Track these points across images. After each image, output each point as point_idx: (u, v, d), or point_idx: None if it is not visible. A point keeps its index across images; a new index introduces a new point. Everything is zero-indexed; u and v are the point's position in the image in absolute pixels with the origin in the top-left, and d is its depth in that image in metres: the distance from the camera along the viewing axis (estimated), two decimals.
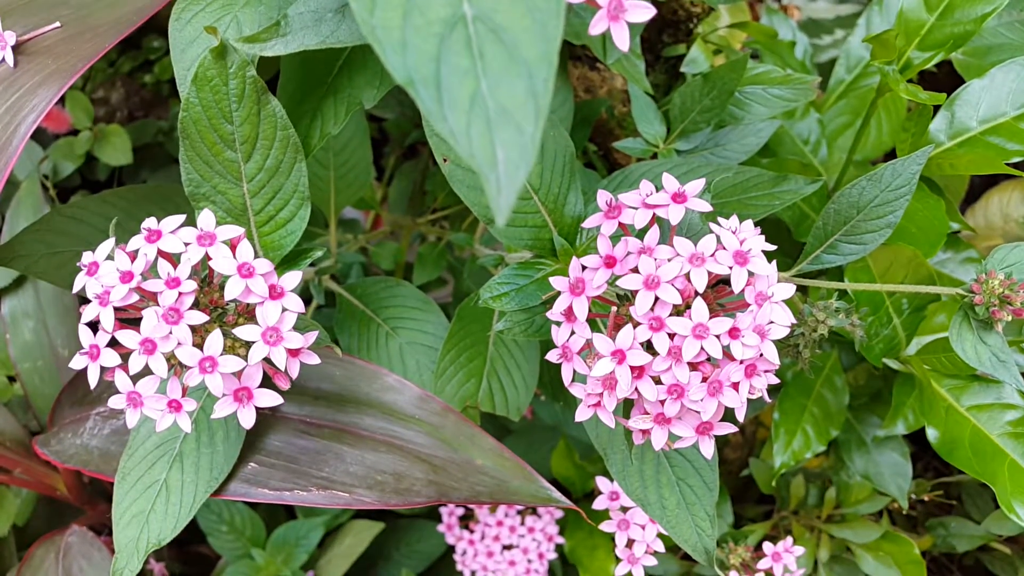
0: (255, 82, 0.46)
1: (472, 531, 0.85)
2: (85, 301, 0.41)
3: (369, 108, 0.96)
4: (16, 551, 0.87)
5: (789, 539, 0.66)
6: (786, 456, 0.70)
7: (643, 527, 0.60)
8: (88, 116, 1.00)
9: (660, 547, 0.60)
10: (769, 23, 0.93)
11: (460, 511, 0.87)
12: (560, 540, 0.86)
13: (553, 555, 0.85)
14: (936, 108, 0.70)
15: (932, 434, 0.63)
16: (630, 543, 0.60)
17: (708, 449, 0.43)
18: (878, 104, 0.78)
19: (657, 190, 0.43)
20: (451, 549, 0.87)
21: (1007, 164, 0.64)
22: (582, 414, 0.44)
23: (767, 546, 0.65)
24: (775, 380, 0.43)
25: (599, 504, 0.61)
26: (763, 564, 0.65)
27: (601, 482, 0.62)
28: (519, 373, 0.62)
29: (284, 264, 0.51)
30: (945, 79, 0.94)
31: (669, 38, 0.81)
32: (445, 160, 0.50)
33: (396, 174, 1.00)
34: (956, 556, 1.06)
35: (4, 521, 0.77)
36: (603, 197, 0.44)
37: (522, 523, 0.85)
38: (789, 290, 0.42)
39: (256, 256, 0.40)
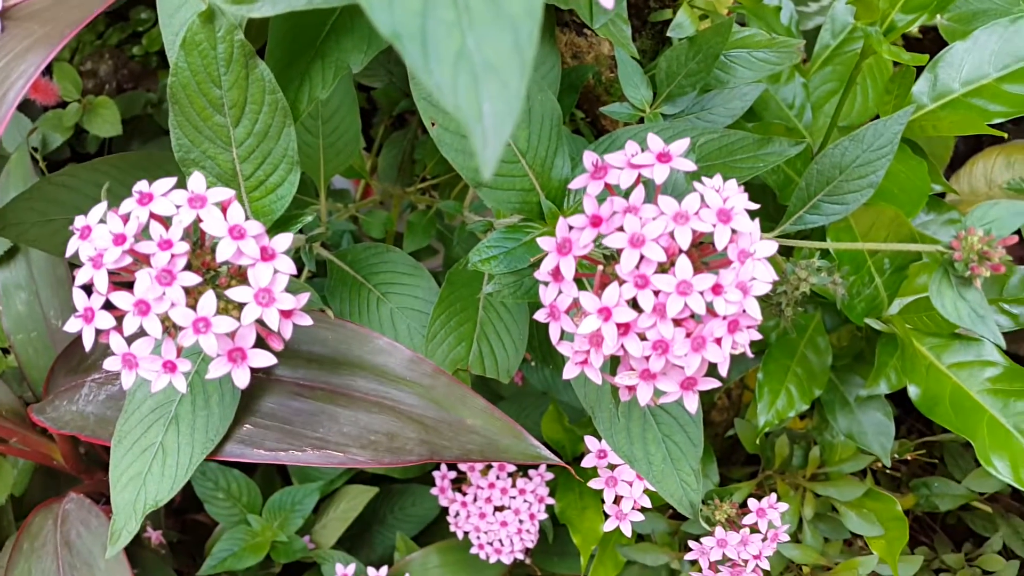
0: (243, 46, 0.46)
1: (465, 494, 0.87)
2: (77, 269, 0.41)
3: (358, 75, 0.97)
4: (14, 521, 0.88)
5: (773, 496, 0.67)
6: (770, 415, 0.71)
7: (630, 484, 0.61)
8: (76, 88, 0.99)
9: (647, 503, 0.61)
10: None
11: (453, 474, 0.88)
12: (551, 501, 0.87)
13: (544, 516, 0.86)
14: (919, 71, 0.71)
15: (913, 391, 0.64)
16: (618, 499, 0.61)
17: (692, 404, 0.45)
18: (863, 70, 0.79)
19: (643, 151, 0.44)
20: (444, 512, 0.89)
21: (989, 125, 0.65)
22: (570, 372, 0.45)
23: (752, 502, 0.66)
24: (757, 336, 0.44)
25: (587, 462, 0.62)
26: (748, 520, 0.66)
27: (589, 441, 0.63)
28: (508, 336, 0.63)
29: (275, 229, 0.52)
30: (931, 46, 0.95)
31: (656, 3, 0.81)
32: (433, 124, 0.51)
33: (385, 144, 1.01)
34: (939, 515, 1.09)
35: (2, 490, 0.78)
36: (589, 158, 0.45)
37: (513, 485, 0.86)
38: (771, 247, 0.43)
39: (247, 219, 0.40)
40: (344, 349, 0.53)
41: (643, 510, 0.90)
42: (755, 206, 0.44)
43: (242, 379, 0.41)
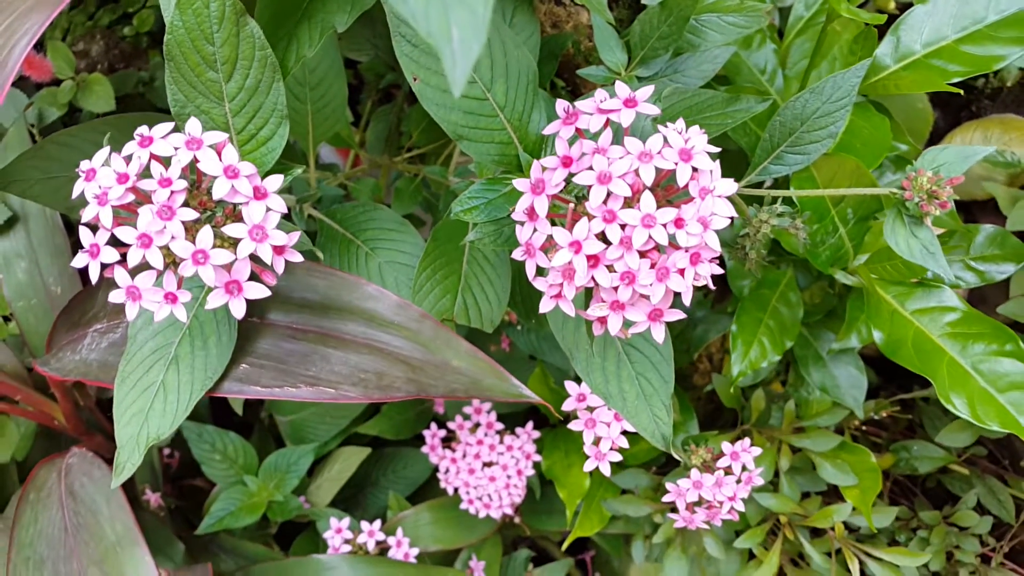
0: (234, 4, 0.49)
1: (454, 451, 0.90)
2: (75, 231, 0.44)
3: (344, 49, 0.99)
4: (18, 483, 0.91)
5: (747, 440, 0.71)
6: (743, 365, 0.75)
7: (608, 425, 0.64)
8: (70, 66, 1.02)
9: (624, 443, 0.64)
10: None
11: (443, 433, 0.92)
12: (537, 458, 0.91)
13: (531, 472, 0.90)
14: (882, 35, 0.74)
15: (878, 336, 0.67)
16: (597, 440, 0.65)
17: (659, 334, 0.48)
18: (830, 36, 0.82)
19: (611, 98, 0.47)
20: (435, 475, 0.92)
21: (949, 84, 0.68)
22: (545, 305, 0.48)
23: (725, 445, 0.70)
24: (719, 270, 0.47)
25: (567, 405, 0.66)
26: (722, 463, 0.70)
27: (569, 386, 0.66)
28: (492, 289, 0.66)
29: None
30: None
31: None
32: (415, 79, 0.54)
33: (372, 118, 1.03)
34: (919, 479, 1.12)
35: (6, 448, 0.81)
36: (560, 105, 0.48)
37: (501, 442, 0.89)
38: (731, 186, 0.46)
39: (240, 160, 0.43)
40: (334, 295, 0.56)
41: (626, 465, 0.94)
42: (716, 149, 0.47)
43: (239, 310, 0.44)
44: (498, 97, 0.55)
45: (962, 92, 0.65)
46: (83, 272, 0.83)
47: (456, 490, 0.90)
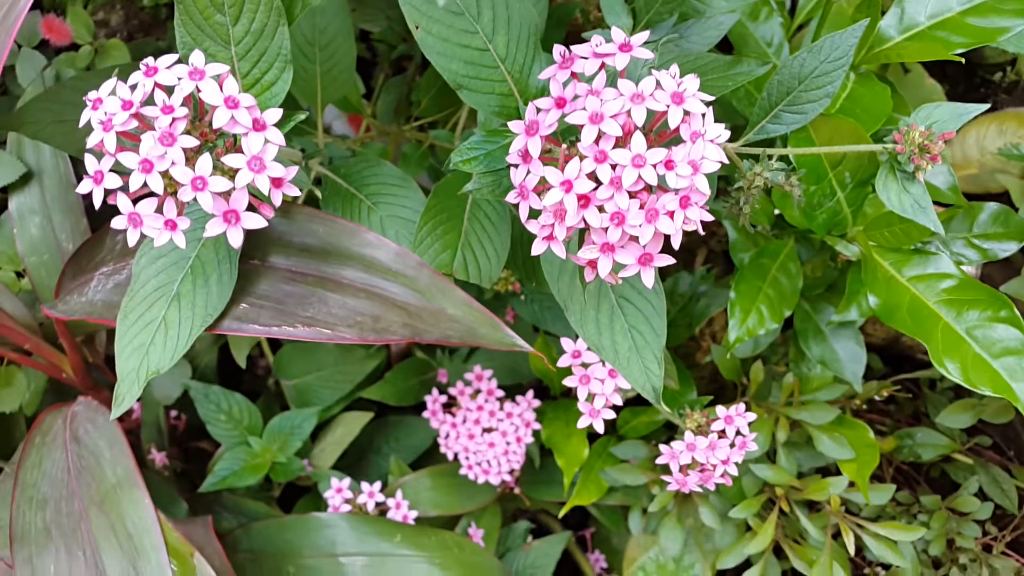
0: None
1: (455, 416, 0.91)
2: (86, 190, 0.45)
3: (357, 19, 1.00)
4: (27, 432, 0.92)
5: (742, 405, 0.71)
6: (741, 331, 0.75)
7: (602, 381, 0.65)
8: (88, 31, 1.04)
9: (618, 400, 0.65)
10: None
11: (444, 398, 0.93)
12: (537, 427, 0.91)
13: (530, 439, 0.91)
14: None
15: (873, 300, 0.68)
16: (591, 397, 0.65)
17: (649, 278, 0.48)
18: (837, 20, 0.82)
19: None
20: (437, 443, 0.93)
21: (954, 54, 0.68)
22: (537, 248, 0.49)
23: (719, 409, 0.70)
24: (708, 216, 0.48)
25: (563, 362, 0.66)
26: (716, 426, 0.70)
27: (565, 342, 0.67)
28: (491, 245, 0.67)
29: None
30: None
31: None
32: (417, 27, 0.55)
33: (384, 88, 1.05)
34: (923, 468, 1.12)
35: (15, 397, 0.83)
36: (558, 49, 0.49)
37: (501, 409, 0.90)
38: (721, 130, 0.46)
39: (240, 92, 0.44)
40: (334, 241, 0.57)
41: (625, 438, 0.94)
42: (709, 97, 0.48)
43: (236, 239, 0.45)
44: (499, 49, 0.56)
45: (963, 60, 0.65)
46: (94, 226, 0.85)
47: (456, 456, 0.91)
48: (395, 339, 0.54)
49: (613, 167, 0.45)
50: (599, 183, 0.45)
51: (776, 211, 0.81)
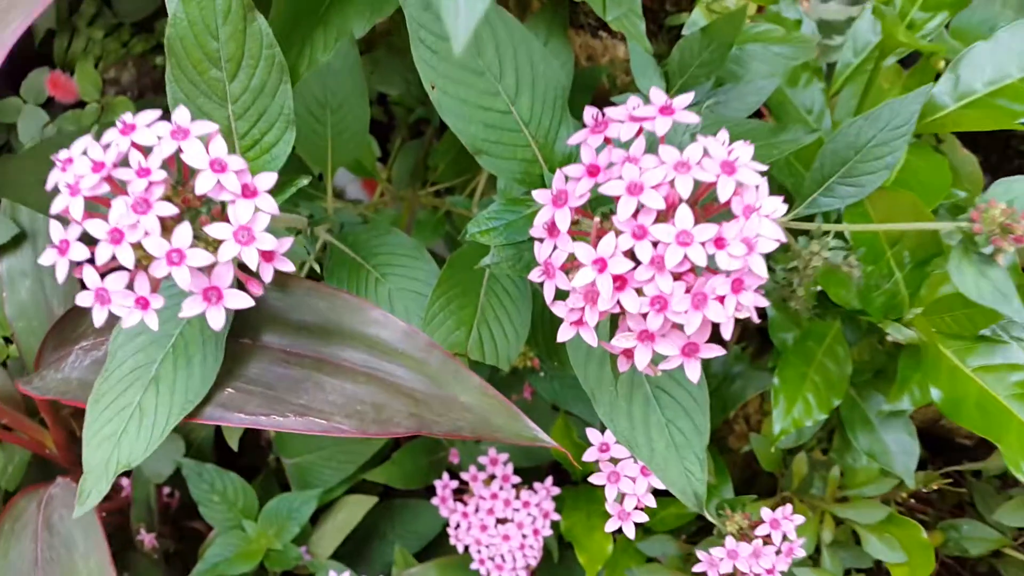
0: None
1: (466, 504, 0.84)
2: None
3: (376, 82, 0.96)
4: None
5: (788, 507, 0.64)
6: (785, 422, 0.68)
7: (634, 480, 0.58)
8: (96, 89, 1.00)
9: (651, 502, 0.58)
10: (777, 8, 0.93)
11: (455, 483, 0.85)
12: (556, 517, 0.84)
13: (548, 532, 0.83)
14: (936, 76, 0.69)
15: (936, 394, 0.61)
16: (621, 497, 0.58)
17: (694, 373, 0.42)
18: (882, 78, 0.77)
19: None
20: (446, 530, 0.86)
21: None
22: (564, 333, 0.42)
23: (765, 512, 0.63)
24: (764, 302, 0.41)
25: (589, 456, 0.59)
26: (761, 531, 0.63)
27: (591, 433, 0.60)
28: (510, 323, 0.61)
29: (270, 192, 0.51)
30: None
31: (672, 7, 0.80)
32: (433, 87, 0.50)
33: (400, 152, 1.00)
34: (969, 561, 1.03)
35: None
36: (589, 112, 0.44)
37: (517, 497, 0.83)
38: (779, 205, 0.41)
39: (230, 153, 0.39)
40: (336, 318, 0.51)
41: (653, 531, 0.87)
42: (763, 166, 0.42)
43: (216, 320, 0.39)
44: (523, 111, 0.51)
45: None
46: None
47: (467, 548, 0.84)
48: (399, 431, 0.47)
49: (654, 244, 0.39)
50: (638, 262, 0.39)
51: (818, 287, 0.75)
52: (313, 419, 0.48)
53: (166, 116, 0.42)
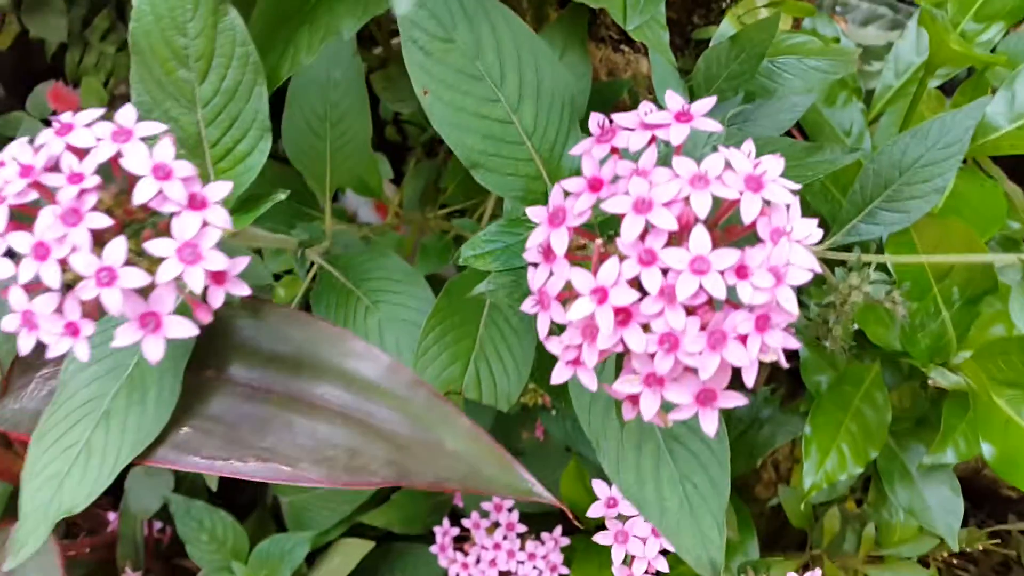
0: None
1: (467, 554, 0.77)
2: None
3: (392, 103, 0.91)
4: None
5: (818, 570, 0.57)
6: (817, 477, 0.61)
7: (644, 540, 0.51)
8: (101, 102, 0.97)
9: (663, 566, 0.52)
10: (812, 25, 0.87)
11: (456, 531, 0.79)
12: (564, 571, 0.77)
13: None
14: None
15: (988, 450, 0.54)
16: (629, 560, 0.52)
17: (711, 424, 0.36)
18: (923, 115, 0.71)
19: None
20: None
21: None
22: (559, 375, 0.37)
23: None
24: (794, 343, 0.35)
25: (594, 511, 0.53)
26: None
27: (597, 486, 0.54)
28: (511, 358, 0.55)
29: (242, 207, 0.46)
30: None
31: (700, 19, 0.75)
32: (425, 92, 0.45)
33: (412, 173, 0.96)
34: None
35: None
36: (595, 119, 0.38)
37: (522, 548, 0.77)
38: (813, 228, 0.35)
39: (176, 158, 0.34)
40: (311, 350, 0.46)
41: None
42: (796, 185, 0.36)
43: (153, 352, 0.34)
44: (526, 121, 0.46)
45: None
46: None
47: None
48: (374, 482, 0.42)
49: (664, 272, 0.33)
50: (645, 293, 0.33)
51: (855, 325, 0.69)
52: (277, 465, 0.42)
53: None
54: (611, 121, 0.37)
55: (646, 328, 0.34)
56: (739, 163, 0.34)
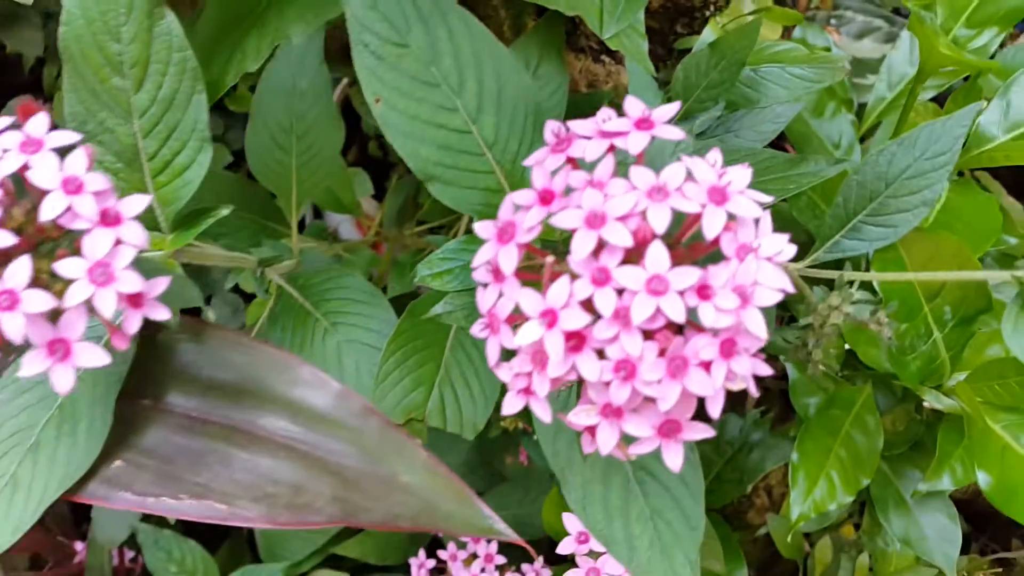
0: None
1: None
2: None
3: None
4: None
5: None
6: (805, 506, 0.58)
7: None
8: None
9: None
10: (802, 35, 0.85)
11: (431, 563, 0.76)
12: None
13: None
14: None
15: (984, 479, 0.51)
16: None
17: (675, 459, 0.33)
18: (919, 122, 0.68)
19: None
20: None
21: None
22: (510, 405, 0.34)
23: None
24: (765, 369, 0.32)
25: (564, 547, 0.50)
26: None
27: (568, 520, 0.51)
28: (478, 384, 0.52)
29: (183, 224, 0.43)
30: None
31: (683, 29, 0.72)
32: (378, 101, 0.42)
33: (393, 190, 0.93)
34: None
35: None
36: (550, 127, 0.35)
37: None
38: (784, 244, 0.32)
39: (89, 171, 0.31)
40: (255, 376, 0.43)
41: None
42: (767, 198, 0.33)
43: (62, 382, 0.31)
44: (486, 132, 0.43)
45: None
46: None
47: None
48: (318, 521, 0.39)
49: (619, 293, 0.30)
50: (599, 316, 0.30)
51: (847, 346, 0.65)
52: (212, 503, 0.39)
53: None
54: (568, 129, 0.34)
55: (601, 354, 0.31)
56: (702, 173, 0.31)
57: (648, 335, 0.30)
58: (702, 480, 0.42)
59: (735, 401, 0.92)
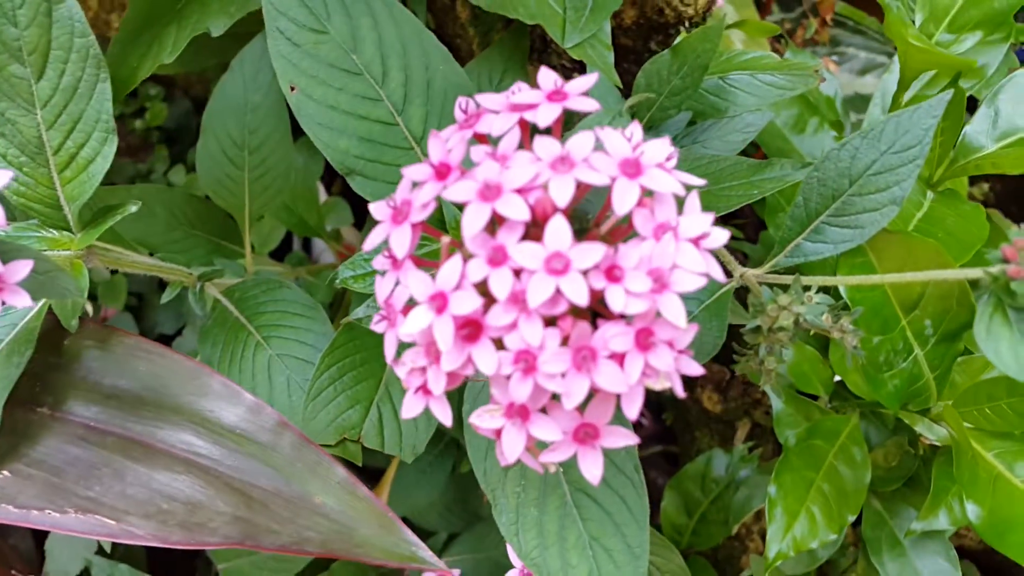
0: None
1: None
2: None
3: None
4: None
5: None
6: (784, 544, 0.53)
7: None
8: None
9: None
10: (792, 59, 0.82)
11: None
12: None
13: None
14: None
15: (973, 511, 0.46)
16: None
17: (593, 468, 0.29)
18: None
19: None
20: None
21: None
22: (409, 407, 0.30)
23: None
24: (695, 367, 0.29)
25: None
26: None
27: (511, 551, 0.47)
28: None
29: (92, 222, 0.40)
30: None
31: (658, 47, 0.69)
32: (293, 89, 0.39)
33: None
34: None
35: None
36: (460, 102, 0.32)
37: None
38: (709, 227, 0.28)
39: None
40: (158, 385, 0.39)
41: None
42: (699, 180, 0.30)
43: None
44: (413, 124, 0.40)
45: None
46: None
47: None
48: (213, 542, 0.35)
49: (516, 273, 0.26)
50: (494, 300, 0.27)
51: (836, 377, 0.61)
52: (100, 518, 0.35)
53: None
54: (478, 105, 0.31)
55: (500, 344, 0.27)
56: (614, 145, 0.28)
57: (549, 322, 0.27)
58: (647, 504, 0.38)
59: (724, 437, 0.88)
